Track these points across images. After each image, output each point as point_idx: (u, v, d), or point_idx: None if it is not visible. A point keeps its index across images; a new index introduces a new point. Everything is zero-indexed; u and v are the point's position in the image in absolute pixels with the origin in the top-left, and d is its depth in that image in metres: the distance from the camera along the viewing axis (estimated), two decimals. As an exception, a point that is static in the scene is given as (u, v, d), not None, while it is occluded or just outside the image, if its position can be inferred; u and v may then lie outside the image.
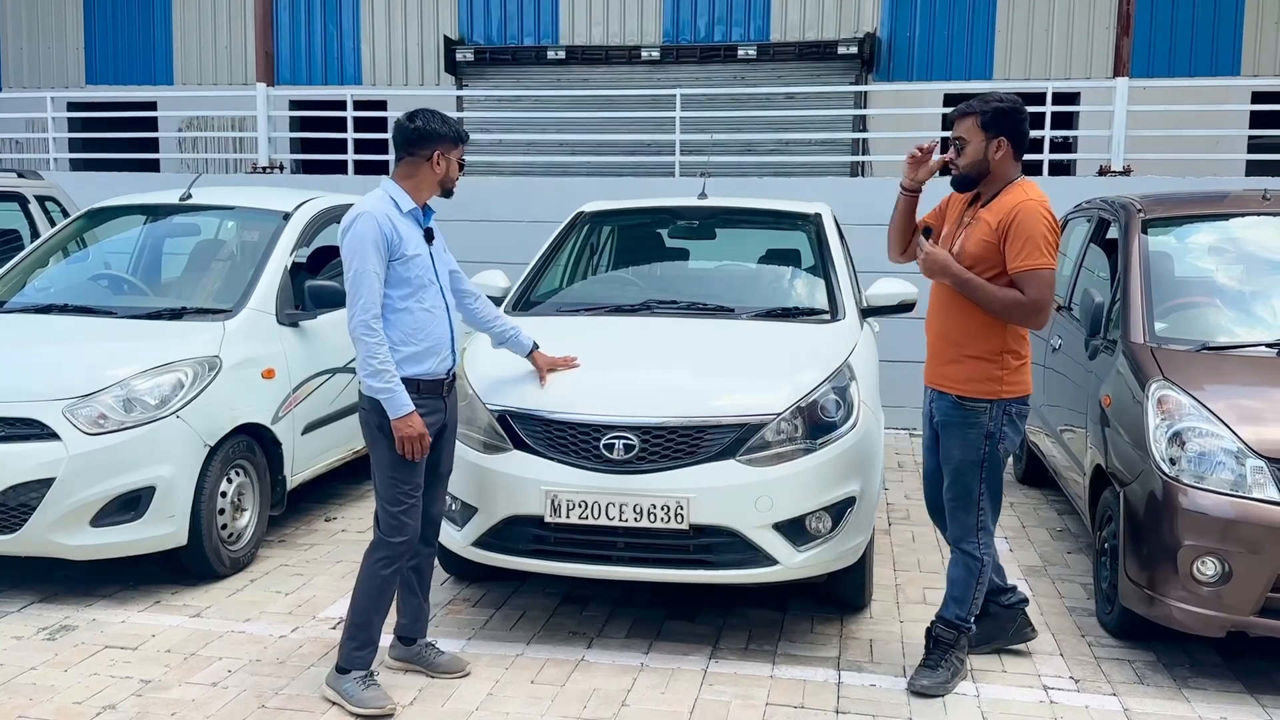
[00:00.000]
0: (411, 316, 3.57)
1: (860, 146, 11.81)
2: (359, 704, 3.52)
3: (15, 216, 7.46)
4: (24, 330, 5.02)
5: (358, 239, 3.50)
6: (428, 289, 3.61)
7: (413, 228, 3.62)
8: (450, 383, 3.73)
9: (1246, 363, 4.16)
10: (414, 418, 3.50)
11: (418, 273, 3.58)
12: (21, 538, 4.29)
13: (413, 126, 3.61)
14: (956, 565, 3.78)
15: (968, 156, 3.67)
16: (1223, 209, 5.13)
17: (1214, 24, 12.23)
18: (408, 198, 3.62)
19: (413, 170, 3.63)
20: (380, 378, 3.48)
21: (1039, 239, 3.53)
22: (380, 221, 3.50)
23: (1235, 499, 3.64)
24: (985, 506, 3.72)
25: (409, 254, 3.55)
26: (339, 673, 3.61)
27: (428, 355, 3.60)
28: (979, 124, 3.64)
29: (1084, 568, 5.07)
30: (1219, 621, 3.67)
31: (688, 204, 5.77)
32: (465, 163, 3.77)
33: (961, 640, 3.79)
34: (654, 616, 4.37)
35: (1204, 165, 9.84)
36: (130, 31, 14.47)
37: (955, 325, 3.69)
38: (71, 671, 3.81)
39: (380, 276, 3.49)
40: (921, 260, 3.70)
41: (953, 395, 3.70)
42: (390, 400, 3.48)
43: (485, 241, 8.53)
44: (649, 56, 12.87)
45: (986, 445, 3.65)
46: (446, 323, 3.68)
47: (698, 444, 3.86)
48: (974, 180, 3.71)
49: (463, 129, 3.71)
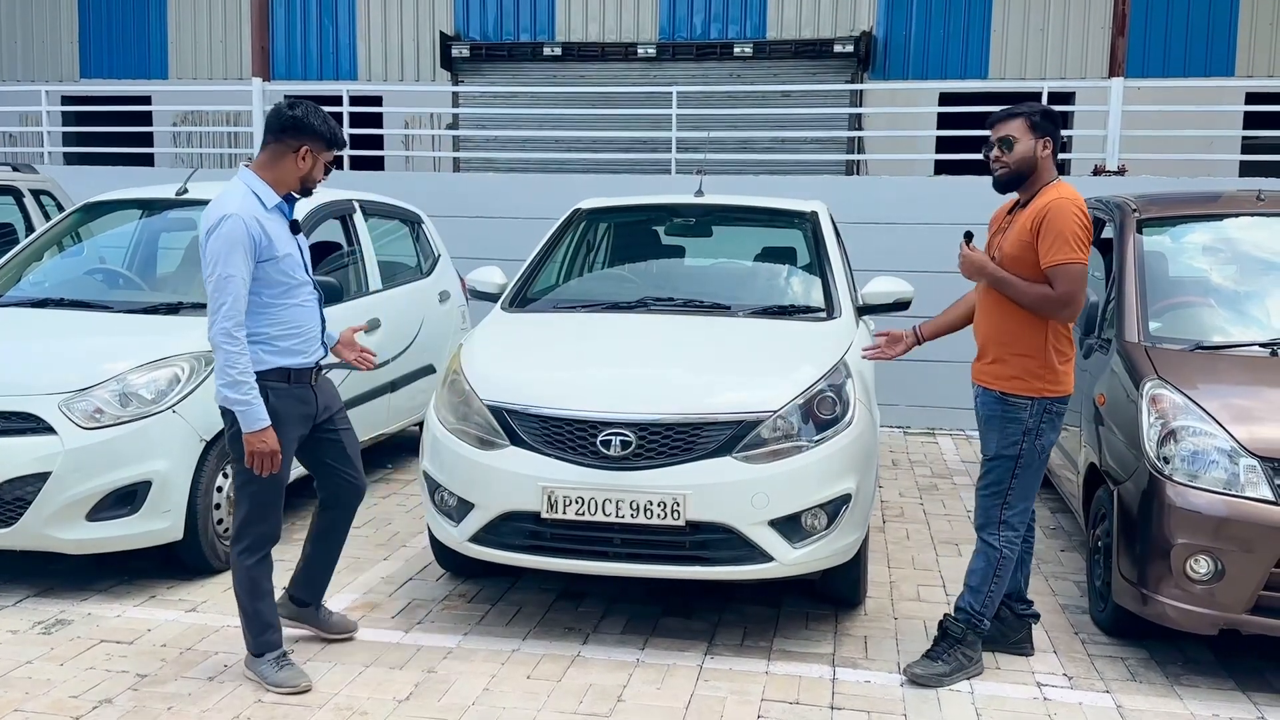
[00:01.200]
0: (286, 312, 3.57)
1: (856, 145, 11.84)
2: (275, 684, 3.60)
3: (10, 210, 7.45)
4: (20, 324, 5.01)
5: (224, 242, 3.41)
6: (300, 287, 3.61)
7: (279, 223, 3.57)
8: (319, 371, 3.75)
9: (1240, 362, 4.18)
10: (268, 433, 3.45)
11: (289, 271, 3.56)
12: (17, 532, 4.28)
13: (290, 114, 3.55)
14: (977, 555, 3.85)
15: (1017, 154, 3.73)
16: (1217, 209, 5.16)
17: (1209, 25, 12.27)
18: (270, 191, 3.55)
19: (276, 159, 3.57)
20: (238, 389, 3.43)
21: (1069, 234, 3.60)
22: (248, 224, 3.43)
23: (1228, 497, 3.66)
24: (1013, 501, 3.77)
25: (279, 254, 3.51)
26: (254, 657, 3.68)
27: (302, 347, 3.62)
28: (1029, 125, 3.74)
29: (1077, 565, 5.09)
30: (1212, 619, 3.69)
31: (684, 201, 5.78)
32: (333, 168, 3.71)
33: (970, 636, 3.82)
34: (649, 612, 4.38)
35: (1198, 166, 9.88)
36: (125, 25, 14.43)
37: (1001, 325, 3.77)
38: (67, 665, 3.81)
39: (246, 281, 3.44)
40: (960, 263, 3.81)
41: (996, 391, 3.78)
42: (247, 413, 3.44)
43: (481, 237, 8.55)
44: (645, 54, 12.88)
45: (1024, 441, 3.72)
46: (317, 314, 3.70)
47: (694, 441, 3.88)
48: (1019, 179, 3.78)
49: (341, 135, 3.66)
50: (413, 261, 7.02)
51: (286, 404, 3.58)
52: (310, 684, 3.63)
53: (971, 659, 3.83)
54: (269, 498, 3.62)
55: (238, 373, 3.43)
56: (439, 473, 4.18)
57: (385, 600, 4.51)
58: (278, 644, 3.69)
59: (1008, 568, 3.82)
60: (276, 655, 3.66)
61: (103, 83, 14.09)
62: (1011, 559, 3.82)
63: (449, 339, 6.81)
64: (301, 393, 3.65)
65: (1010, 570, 3.84)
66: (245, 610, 3.67)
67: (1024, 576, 4.06)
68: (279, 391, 3.56)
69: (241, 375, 3.43)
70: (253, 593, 3.65)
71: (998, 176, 3.82)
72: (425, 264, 7.08)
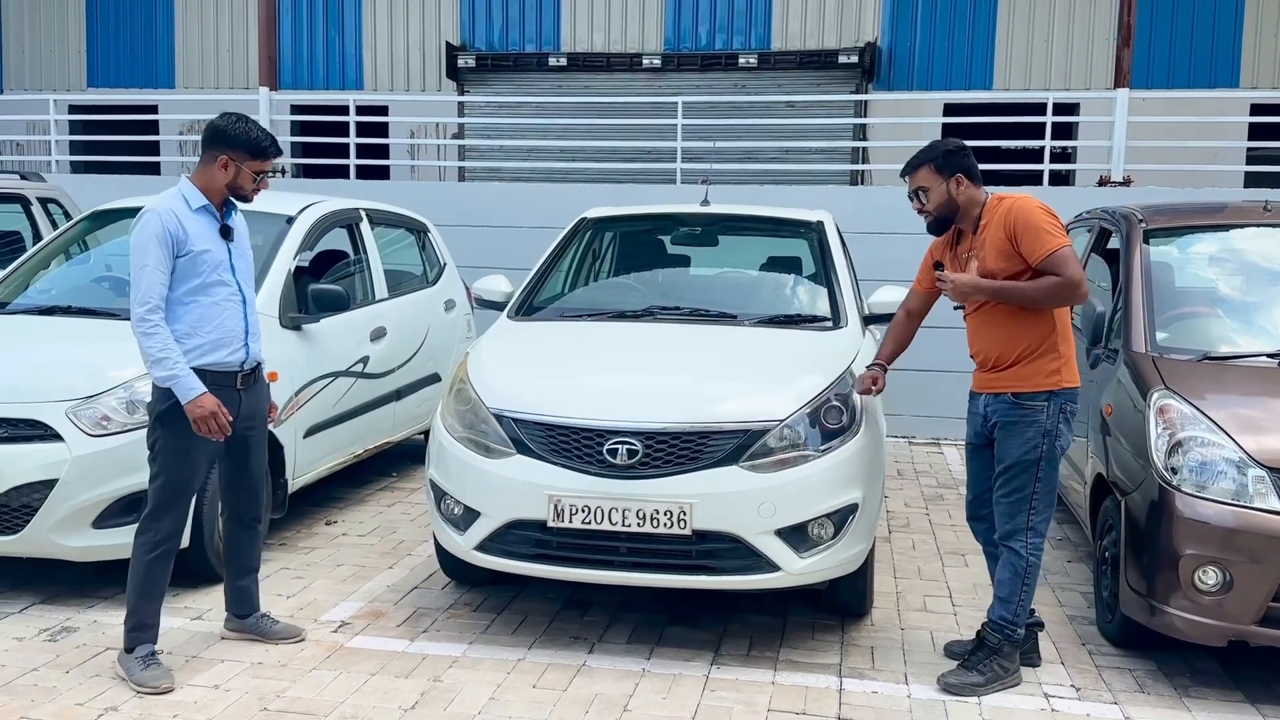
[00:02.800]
0: (199, 309, 3.69)
1: (860, 155, 11.85)
2: (138, 682, 3.66)
3: (18, 218, 7.47)
4: (27, 332, 5.01)
5: (141, 235, 3.62)
6: (218, 285, 3.72)
7: (205, 224, 3.73)
8: (247, 376, 3.83)
9: (1248, 372, 4.17)
10: (204, 399, 3.59)
11: (206, 269, 3.68)
12: (23, 539, 4.28)
13: (213, 126, 3.74)
14: (1004, 565, 3.83)
15: (934, 200, 3.85)
16: (1224, 220, 5.16)
17: (1214, 37, 12.28)
18: (198, 194, 3.73)
19: (204, 169, 3.75)
20: (162, 365, 3.58)
21: (1045, 225, 3.68)
22: (164, 218, 3.62)
23: (1237, 508, 3.64)
24: (1037, 506, 3.77)
25: (196, 250, 3.66)
26: (125, 651, 3.74)
27: (215, 347, 3.71)
28: (935, 169, 3.84)
29: (1084, 576, 5.08)
30: (1220, 631, 3.67)
31: (691, 211, 5.79)
32: (264, 177, 3.81)
33: (1006, 647, 3.81)
34: (655, 622, 4.37)
35: (1203, 177, 9.88)
36: (132, 35, 14.49)
37: (1003, 334, 3.79)
38: (73, 673, 3.81)
39: (161, 271, 3.60)
40: (950, 289, 3.81)
41: (1009, 394, 3.78)
42: (177, 384, 3.58)
43: (487, 246, 8.57)
44: (650, 64, 12.92)
45: (1044, 443, 3.73)
46: (240, 316, 3.79)
47: (701, 450, 3.87)
48: (948, 220, 3.89)
49: (267, 145, 3.77)
50: (419, 270, 7.04)
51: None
52: (173, 685, 3.67)
53: (1008, 670, 3.82)
54: (177, 492, 3.71)
55: (157, 350, 3.58)
56: (445, 481, 4.18)
57: (390, 608, 4.50)
58: (149, 642, 3.75)
59: (1035, 575, 3.81)
60: (146, 654, 3.72)
61: (110, 92, 14.14)
62: (1038, 566, 3.81)
63: (455, 347, 6.81)
64: (223, 394, 3.71)
65: (1037, 577, 3.83)
66: (129, 604, 3.74)
67: None
68: None
69: (162, 352, 3.58)
70: (144, 589, 3.72)
71: (928, 224, 3.95)
72: (431, 272, 7.09)
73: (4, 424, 4.29)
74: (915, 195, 3.90)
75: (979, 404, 3.94)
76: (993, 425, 3.85)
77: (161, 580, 3.75)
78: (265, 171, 3.80)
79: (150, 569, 3.70)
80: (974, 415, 3.97)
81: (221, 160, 3.70)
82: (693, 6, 13.23)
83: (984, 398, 3.90)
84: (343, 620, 4.36)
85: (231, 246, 3.79)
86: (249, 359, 3.83)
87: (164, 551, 3.72)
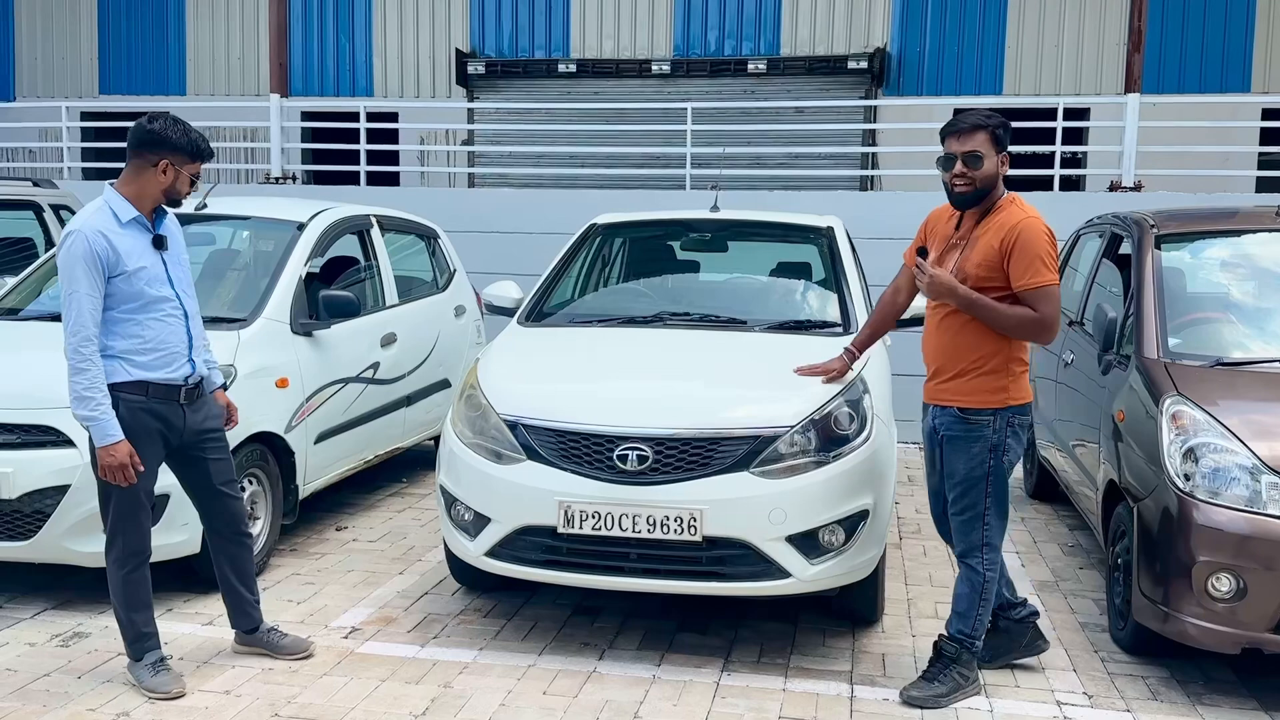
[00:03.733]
0: (140, 326, 3.55)
1: (870, 161, 11.84)
2: (148, 688, 3.67)
3: (30, 225, 7.51)
4: (39, 338, 5.02)
5: (68, 258, 3.44)
6: (157, 302, 3.58)
7: (136, 238, 3.56)
8: (191, 390, 3.70)
9: (1261, 378, 4.15)
10: (119, 448, 3.46)
11: (142, 286, 3.54)
12: (36, 545, 4.30)
13: (148, 128, 3.54)
14: (961, 581, 3.79)
15: (984, 171, 3.62)
16: (1236, 225, 5.13)
17: (1225, 41, 12.24)
18: (128, 206, 3.56)
19: (137, 174, 3.57)
20: (86, 405, 3.44)
21: (1044, 255, 3.55)
22: (91, 239, 3.43)
23: (1250, 515, 3.62)
24: (991, 522, 3.70)
25: (130, 269, 3.50)
26: (133, 661, 3.75)
27: (159, 364, 3.59)
28: (992, 139, 3.63)
29: (1096, 583, 5.05)
30: (1234, 638, 3.65)
31: (700, 217, 5.79)
32: (198, 179, 3.68)
33: (965, 656, 3.78)
34: (665, 628, 4.36)
35: (1214, 182, 9.85)
36: (144, 42, 14.56)
37: (956, 342, 3.68)
38: (85, 678, 3.82)
39: (93, 296, 3.44)
40: (926, 283, 3.66)
41: (955, 408, 3.69)
42: (95, 427, 3.46)
43: (497, 252, 8.59)
44: (659, 70, 12.93)
45: (991, 458, 3.65)
46: (182, 330, 3.65)
47: (711, 456, 3.87)
48: (982, 196, 3.66)
49: (205, 146, 3.64)
50: (429, 276, 7.05)
51: (139, 418, 3.56)
52: (184, 690, 3.68)
53: (968, 678, 3.79)
54: (129, 509, 3.62)
55: (83, 388, 3.44)
56: (455, 487, 4.18)
57: (401, 614, 4.51)
58: (154, 648, 3.75)
59: (992, 589, 3.75)
60: (154, 660, 3.73)
61: (121, 99, 14.20)
62: (995, 580, 3.75)
63: (465, 353, 6.82)
64: (162, 408, 3.62)
65: (995, 590, 3.78)
66: (119, 618, 3.73)
67: (1006, 584, 3.99)
68: (132, 404, 3.55)
69: (88, 391, 3.44)
70: (128, 603, 3.70)
71: (960, 193, 3.65)
72: (441, 279, 7.10)
73: (16, 430, 4.31)
74: (963, 159, 3.59)
75: (928, 416, 3.86)
76: (941, 439, 3.78)
77: (143, 590, 3.71)
78: (199, 174, 3.66)
79: (128, 584, 3.68)
80: (925, 428, 3.90)
81: (162, 165, 3.54)
82: (702, 12, 13.24)
83: (932, 409, 3.82)
84: (353, 626, 4.37)
85: (166, 256, 3.64)
86: (193, 373, 3.71)
87: (135, 565, 3.68)
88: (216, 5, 14.34)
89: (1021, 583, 5.06)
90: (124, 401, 3.54)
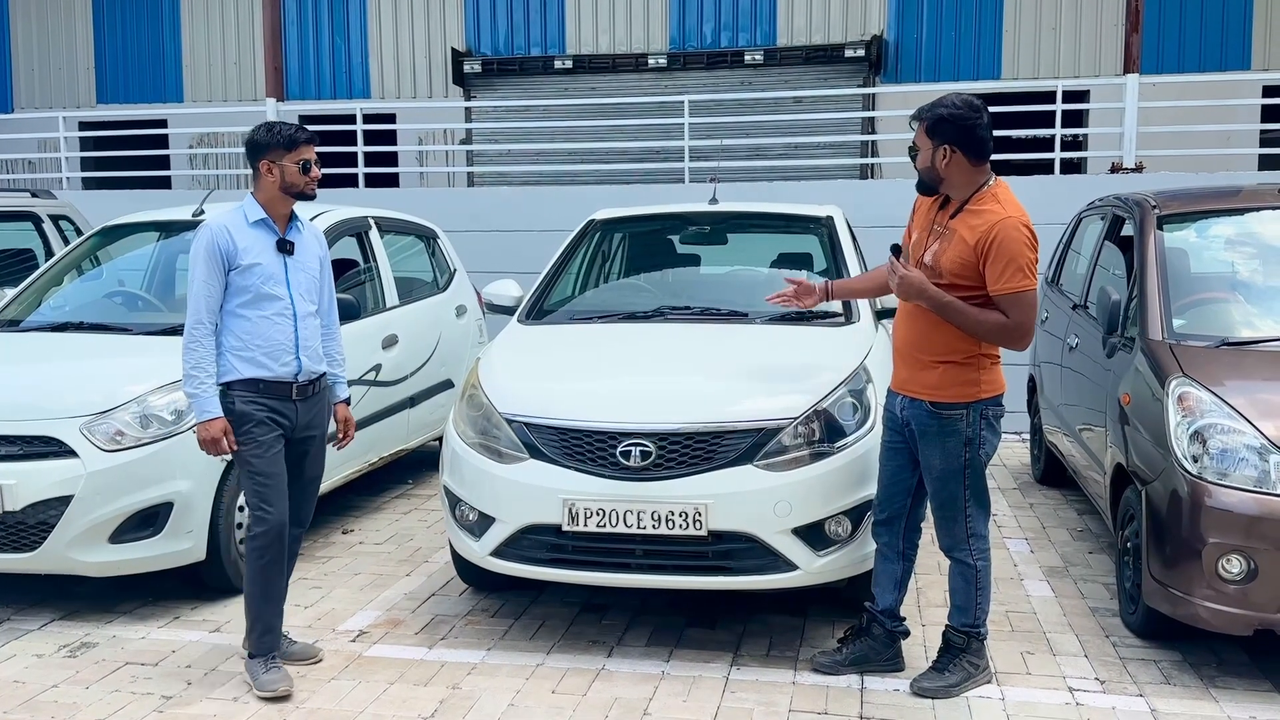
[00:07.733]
0: (249, 323, 3.72)
1: (869, 149, 11.80)
2: (259, 686, 3.72)
3: (29, 236, 7.51)
4: (40, 348, 5.03)
5: (195, 249, 3.72)
6: (269, 299, 3.74)
7: (260, 238, 3.76)
8: (304, 388, 3.83)
9: (1266, 357, 4.12)
10: (213, 424, 3.66)
11: (256, 282, 3.72)
12: (41, 555, 4.29)
13: (246, 140, 3.81)
14: (954, 575, 3.74)
15: (920, 163, 3.61)
16: (1238, 204, 5.10)
17: (1223, 19, 12.17)
18: (258, 209, 3.78)
19: (257, 182, 3.81)
20: (190, 381, 3.68)
21: (1021, 259, 3.42)
22: (216, 234, 3.70)
23: (1259, 495, 3.60)
24: (972, 513, 3.65)
25: (245, 264, 3.70)
26: (250, 658, 3.81)
27: (265, 359, 3.73)
28: (925, 131, 3.57)
29: (1106, 568, 5.03)
30: (1246, 620, 3.62)
31: (699, 210, 5.77)
32: (311, 164, 3.80)
33: (973, 644, 3.75)
34: (674, 624, 4.35)
35: (1216, 161, 9.80)
36: (140, 50, 14.56)
37: (927, 332, 3.59)
38: (93, 688, 3.81)
39: (212, 285, 3.69)
40: (896, 284, 3.58)
41: (926, 402, 3.60)
42: (196, 402, 3.69)
43: (497, 251, 8.57)
44: (656, 64, 12.91)
45: (967, 452, 3.58)
46: (290, 330, 3.79)
47: (715, 450, 3.85)
48: (932, 185, 3.63)
49: (294, 132, 3.78)
50: (429, 277, 7.04)
51: (252, 407, 3.72)
52: (290, 690, 3.72)
53: (978, 666, 3.76)
54: (262, 486, 3.72)
55: (191, 366, 3.68)
56: (459, 487, 4.17)
57: (408, 616, 4.50)
58: (275, 646, 3.83)
59: (987, 575, 3.70)
60: (268, 658, 3.79)
61: (119, 107, 14.22)
62: (988, 565, 3.70)
63: (466, 353, 6.81)
64: (275, 404, 3.76)
65: (990, 576, 3.72)
66: (250, 611, 3.81)
67: (901, 594, 3.87)
68: (245, 399, 3.72)
69: (194, 369, 3.67)
70: (264, 593, 3.78)
71: (917, 181, 3.69)
72: (441, 279, 7.09)
73: (19, 441, 4.30)
74: (910, 149, 3.64)
75: (894, 403, 3.75)
76: (911, 431, 3.68)
77: (278, 581, 3.81)
78: (308, 159, 3.79)
79: (262, 572, 3.75)
80: (889, 414, 3.78)
81: (265, 165, 3.75)
82: (697, 5, 13.20)
83: (900, 399, 3.72)
84: (361, 629, 4.36)
85: (289, 260, 3.81)
86: (302, 371, 3.82)
87: (273, 553, 3.73)
88: (211, 11, 14.34)
89: (1031, 568, 5.04)
90: (239, 398, 3.71)
